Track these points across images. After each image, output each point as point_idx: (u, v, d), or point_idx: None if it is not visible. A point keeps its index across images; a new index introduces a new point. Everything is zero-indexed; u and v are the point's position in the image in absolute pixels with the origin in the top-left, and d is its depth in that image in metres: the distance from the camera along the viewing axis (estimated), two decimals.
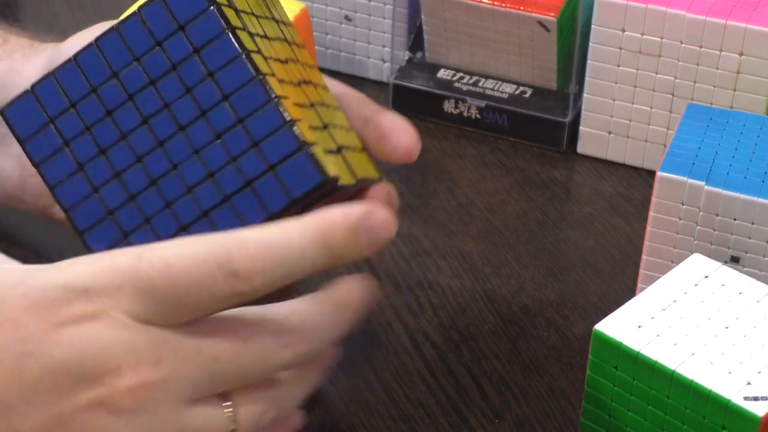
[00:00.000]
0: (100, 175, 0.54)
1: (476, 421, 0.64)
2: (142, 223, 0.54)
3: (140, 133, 0.54)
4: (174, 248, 0.49)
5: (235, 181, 0.53)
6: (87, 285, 0.48)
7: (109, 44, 0.53)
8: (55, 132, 0.54)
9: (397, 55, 0.88)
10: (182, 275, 0.48)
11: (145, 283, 0.48)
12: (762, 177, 0.65)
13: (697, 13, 0.76)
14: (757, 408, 0.53)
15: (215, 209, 0.53)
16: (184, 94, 0.53)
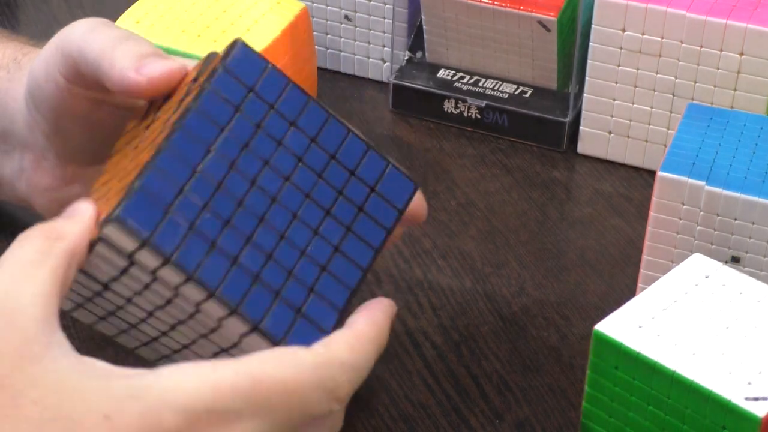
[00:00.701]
0: (234, 245, 0.53)
1: (476, 421, 0.64)
2: (287, 276, 0.54)
3: (254, 194, 0.54)
4: (290, 372, 0.50)
5: (349, 211, 0.56)
6: (208, 408, 0.48)
7: (194, 122, 0.53)
8: (177, 219, 0.52)
9: (397, 55, 0.88)
10: (301, 403, 0.50)
11: (265, 408, 0.50)
12: (762, 177, 0.65)
13: (698, 13, 0.76)
14: (757, 408, 0.53)
15: (343, 241, 0.56)
16: (276, 149, 0.54)
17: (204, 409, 0.48)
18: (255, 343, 0.53)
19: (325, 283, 0.55)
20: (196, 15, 0.77)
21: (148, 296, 0.53)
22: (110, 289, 0.54)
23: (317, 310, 0.54)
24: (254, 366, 0.50)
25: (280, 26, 0.77)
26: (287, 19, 0.78)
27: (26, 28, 0.95)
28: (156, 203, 0.51)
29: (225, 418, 0.49)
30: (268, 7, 0.78)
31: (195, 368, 0.49)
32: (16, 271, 0.51)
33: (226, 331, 0.53)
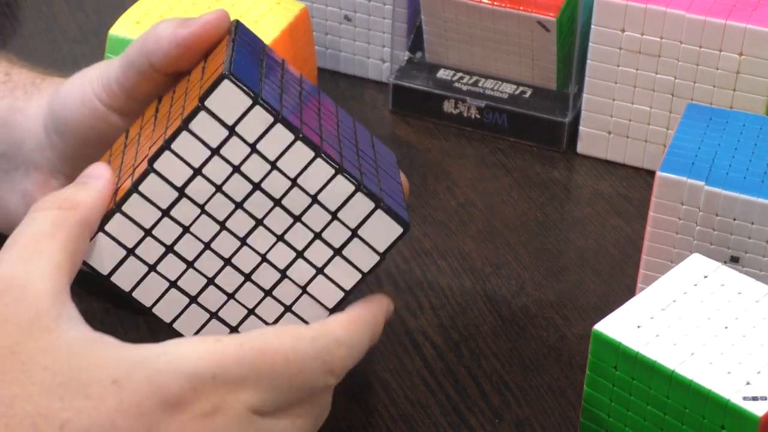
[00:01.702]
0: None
1: (476, 421, 0.64)
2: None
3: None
4: (289, 343, 0.52)
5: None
6: (214, 374, 0.50)
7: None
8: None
9: (397, 55, 0.88)
10: (300, 373, 0.52)
11: (268, 377, 0.52)
12: (761, 177, 0.65)
13: (697, 13, 0.76)
14: (756, 408, 0.53)
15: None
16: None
17: (209, 375, 0.50)
18: None
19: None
20: (196, 15, 0.77)
21: (231, 186, 0.54)
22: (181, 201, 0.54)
23: None
24: (257, 338, 0.52)
25: (280, 26, 0.77)
26: (287, 19, 0.78)
27: (26, 28, 0.95)
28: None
29: (229, 385, 0.50)
30: (268, 7, 0.78)
31: (201, 340, 0.51)
32: (28, 244, 0.52)
33: None
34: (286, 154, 0.54)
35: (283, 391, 0.52)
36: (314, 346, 0.53)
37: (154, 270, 0.55)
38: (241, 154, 0.54)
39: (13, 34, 0.94)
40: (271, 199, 0.55)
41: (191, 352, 0.50)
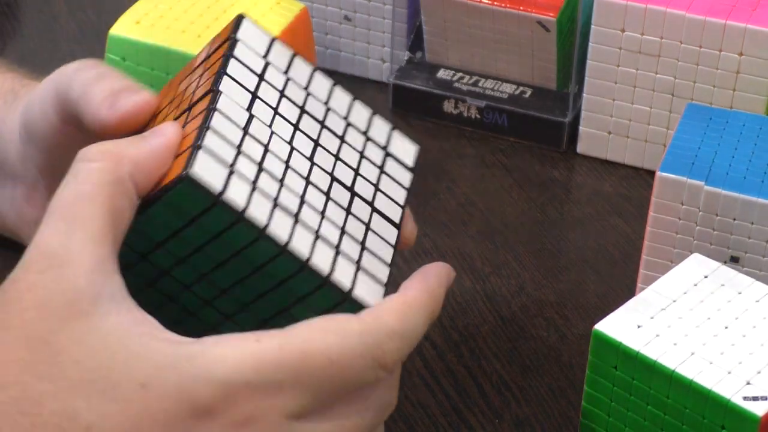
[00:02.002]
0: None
1: (476, 421, 0.64)
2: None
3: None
4: (334, 341, 0.49)
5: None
6: (248, 380, 0.47)
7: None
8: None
9: (397, 55, 0.88)
10: (344, 372, 0.49)
11: (309, 380, 0.48)
12: (761, 177, 0.65)
13: (697, 13, 0.76)
14: (756, 408, 0.53)
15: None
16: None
17: (243, 382, 0.47)
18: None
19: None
20: (196, 15, 0.77)
21: None
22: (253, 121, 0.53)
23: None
24: (299, 337, 0.49)
25: (280, 26, 0.77)
26: (287, 19, 0.78)
27: (26, 28, 0.95)
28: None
29: (265, 391, 0.47)
30: (268, 7, 0.78)
31: (240, 340, 0.48)
32: (67, 209, 0.49)
33: None
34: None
35: (325, 392, 0.49)
36: (362, 342, 0.49)
37: (256, 187, 0.52)
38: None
39: (13, 34, 0.94)
40: (318, 122, 0.56)
41: (228, 355, 0.47)
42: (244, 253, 0.52)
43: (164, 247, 0.52)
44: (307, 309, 0.53)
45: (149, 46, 0.75)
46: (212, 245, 0.52)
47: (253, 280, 0.53)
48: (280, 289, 0.53)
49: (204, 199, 0.50)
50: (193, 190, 0.50)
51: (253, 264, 0.52)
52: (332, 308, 0.52)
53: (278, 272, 0.52)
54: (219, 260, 0.52)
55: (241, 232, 0.51)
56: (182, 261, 0.53)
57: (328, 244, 0.53)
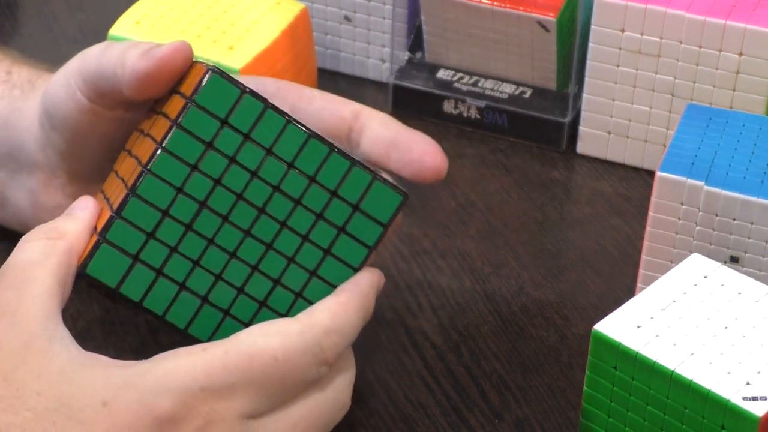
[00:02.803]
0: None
1: (476, 421, 0.64)
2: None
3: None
4: (276, 341, 0.53)
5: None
6: (203, 386, 0.51)
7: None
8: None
9: (397, 55, 0.88)
10: (290, 369, 0.53)
11: (259, 380, 0.52)
12: (761, 177, 0.65)
13: (697, 14, 0.76)
14: (756, 408, 0.53)
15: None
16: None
17: (198, 388, 0.50)
18: None
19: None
20: (196, 15, 0.77)
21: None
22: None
23: None
24: (243, 342, 0.52)
25: (280, 26, 0.77)
26: (287, 19, 0.78)
27: (26, 28, 0.95)
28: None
29: (219, 394, 0.51)
30: (268, 8, 0.79)
31: (187, 352, 0.51)
32: (19, 272, 0.53)
33: None
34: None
35: (276, 390, 0.53)
36: (303, 340, 0.53)
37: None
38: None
39: (13, 34, 0.94)
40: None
41: (178, 366, 0.51)
42: (276, 148, 0.55)
43: (199, 169, 0.55)
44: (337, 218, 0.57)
45: None
46: (245, 149, 0.55)
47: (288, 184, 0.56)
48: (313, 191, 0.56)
49: (231, 91, 0.54)
50: (220, 84, 0.53)
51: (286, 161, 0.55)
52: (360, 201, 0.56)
53: (310, 162, 0.56)
54: (252, 166, 0.55)
55: (270, 121, 0.55)
56: (217, 183, 0.55)
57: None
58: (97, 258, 0.55)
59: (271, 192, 0.56)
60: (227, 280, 0.56)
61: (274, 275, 0.57)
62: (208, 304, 0.56)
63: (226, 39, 0.76)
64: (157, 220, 0.55)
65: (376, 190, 0.57)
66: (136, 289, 0.55)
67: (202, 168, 0.54)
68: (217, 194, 0.55)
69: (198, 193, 0.55)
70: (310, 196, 0.56)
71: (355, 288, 0.57)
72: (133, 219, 0.54)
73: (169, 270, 0.55)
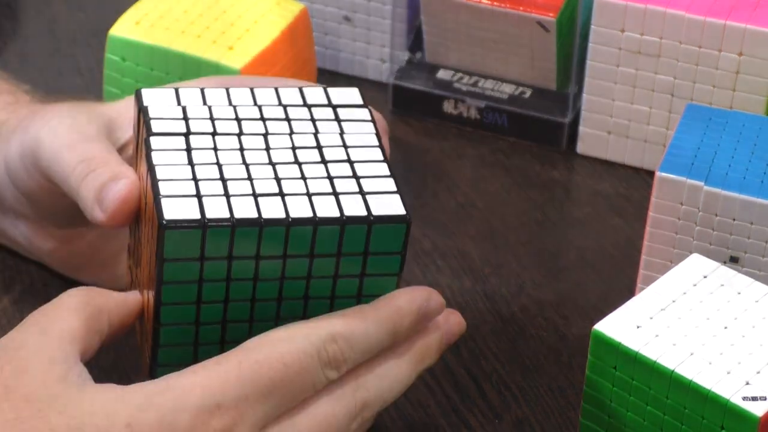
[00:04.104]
0: None
1: (476, 421, 0.64)
2: None
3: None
4: (284, 347, 0.53)
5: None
6: (218, 401, 0.51)
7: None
8: None
9: (397, 55, 0.88)
10: (297, 373, 0.53)
11: (269, 387, 0.52)
12: (761, 177, 0.65)
13: (697, 14, 0.76)
14: (755, 408, 0.53)
15: None
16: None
17: (215, 404, 0.51)
18: None
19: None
20: (196, 16, 0.77)
21: None
22: None
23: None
24: (254, 351, 0.53)
25: (280, 27, 0.77)
26: (287, 19, 0.78)
27: (26, 28, 0.95)
28: None
29: (235, 407, 0.51)
30: (268, 8, 0.79)
31: (203, 366, 0.52)
32: (51, 313, 0.54)
33: None
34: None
35: (285, 396, 0.53)
36: (308, 342, 0.54)
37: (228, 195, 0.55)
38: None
39: (13, 35, 0.94)
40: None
41: (195, 383, 0.51)
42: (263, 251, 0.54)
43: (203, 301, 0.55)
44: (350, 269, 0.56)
45: (149, 46, 0.75)
46: (235, 266, 0.54)
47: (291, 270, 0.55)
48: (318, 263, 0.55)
49: (193, 233, 0.53)
50: (179, 234, 0.53)
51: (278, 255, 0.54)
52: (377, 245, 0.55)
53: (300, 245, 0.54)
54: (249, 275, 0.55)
55: (243, 235, 0.53)
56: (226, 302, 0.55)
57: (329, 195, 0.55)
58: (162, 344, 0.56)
59: (279, 283, 0.55)
60: None
61: None
62: None
63: (226, 39, 0.76)
64: (193, 330, 0.56)
65: (377, 232, 0.55)
66: None
67: (205, 299, 0.55)
68: (232, 309, 0.55)
69: (214, 317, 0.55)
70: (318, 268, 0.55)
71: (385, 301, 0.57)
72: (172, 341, 0.56)
73: None
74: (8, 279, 0.71)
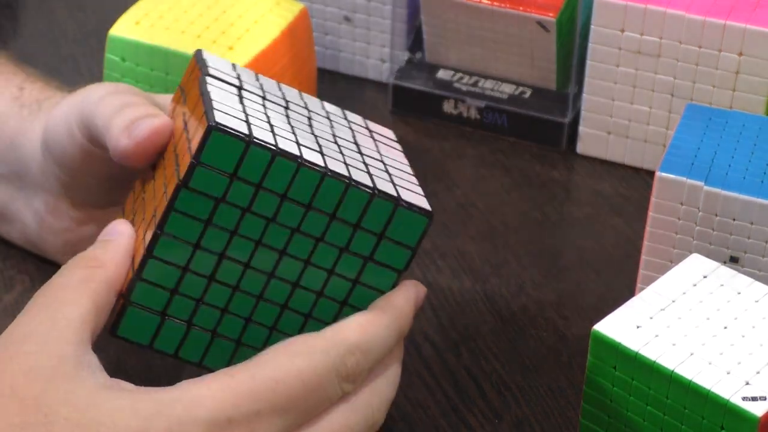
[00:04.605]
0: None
1: (476, 421, 0.64)
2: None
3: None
4: (303, 362, 0.52)
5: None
6: (230, 416, 0.50)
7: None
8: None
9: (397, 55, 0.88)
10: (315, 390, 0.52)
11: (284, 404, 0.51)
12: (761, 177, 0.65)
13: (697, 14, 0.76)
14: (755, 408, 0.53)
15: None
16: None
17: (225, 419, 0.50)
18: None
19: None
20: (196, 16, 0.77)
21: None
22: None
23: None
24: (270, 365, 0.52)
25: (280, 27, 0.77)
26: (287, 19, 0.78)
27: (26, 28, 0.95)
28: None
29: (247, 423, 0.51)
30: (268, 8, 0.79)
31: (215, 378, 0.51)
32: (57, 295, 0.53)
33: None
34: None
35: (300, 412, 0.52)
36: (328, 358, 0.53)
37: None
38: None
39: (13, 35, 0.94)
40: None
41: (206, 395, 0.50)
42: (291, 193, 0.54)
43: (213, 223, 0.54)
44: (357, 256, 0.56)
45: (149, 46, 0.75)
46: (259, 198, 0.53)
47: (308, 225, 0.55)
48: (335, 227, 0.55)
49: (236, 144, 0.52)
50: (223, 139, 0.52)
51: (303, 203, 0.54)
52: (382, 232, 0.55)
53: (327, 201, 0.54)
54: (269, 213, 0.54)
55: (281, 167, 0.53)
56: (234, 233, 0.54)
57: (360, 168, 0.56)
58: (125, 320, 0.54)
59: (290, 234, 0.55)
60: (258, 321, 0.56)
61: (304, 310, 0.56)
62: (243, 346, 0.56)
63: (226, 39, 0.76)
64: (178, 276, 0.54)
65: (400, 217, 0.55)
66: (168, 342, 0.55)
67: (216, 222, 0.53)
68: (236, 243, 0.54)
69: (216, 246, 0.54)
70: (333, 233, 0.55)
71: (388, 304, 0.56)
72: (154, 279, 0.54)
73: (199, 320, 0.55)
74: (8, 279, 0.71)
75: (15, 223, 0.70)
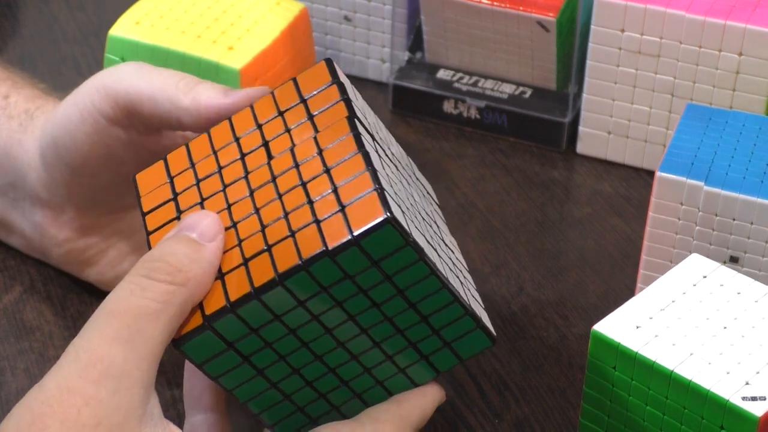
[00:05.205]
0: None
1: (475, 420, 0.64)
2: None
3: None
4: None
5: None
6: None
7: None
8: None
9: (397, 55, 0.88)
10: None
11: None
12: (761, 177, 0.65)
13: (697, 14, 0.76)
14: (755, 408, 0.53)
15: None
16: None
17: None
18: None
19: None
20: (196, 16, 0.77)
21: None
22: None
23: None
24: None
25: (280, 27, 0.77)
26: (287, 19, 0.78)
27: (26, 28, 0.95)
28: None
29: None
30: (268, 8, 0.79)
31: None
32: (131, 322, 0.50)
33: None
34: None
35: None
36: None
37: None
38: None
39: (13, 35, 0.94)
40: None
41: None
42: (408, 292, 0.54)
43: (329, 291, 0.53)
44: None
45: (149, 46, 0.75)
46: (382, 286, 0.53)
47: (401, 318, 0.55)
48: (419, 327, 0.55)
49: (397, 240, 0.51)
50: (390, 233, 0.51)
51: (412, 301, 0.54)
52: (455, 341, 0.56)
53: (429, 305, 0.55)
54: (379, 300, 0.54)
55: (417, 270, 0.53)
56: (338, 304, 0.53)
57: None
58: (197, 340, 0.52)
59: (382, 318, 0.54)
60: (312, 384, 0.56)
61: (345, 377, 0.56)
62: (286, 400, 0.56)
63: (226, 39, 0.76)
64: (268, 320, 0.53)
65: (473, 335, 0.56)
66: (220, 370, 0.54)
67: (332, 291, 0.52)
68: (334, 312, 0.53)
69: (317, 309, 0.53)
70: (414, 330, 0.55)
71: (420, 403, 0.57)
72: (246, 316, 0.52)
73: (259, 363, 0.54)
74: (8, 279, 0.71)
75: (14, 234, 0.70)
